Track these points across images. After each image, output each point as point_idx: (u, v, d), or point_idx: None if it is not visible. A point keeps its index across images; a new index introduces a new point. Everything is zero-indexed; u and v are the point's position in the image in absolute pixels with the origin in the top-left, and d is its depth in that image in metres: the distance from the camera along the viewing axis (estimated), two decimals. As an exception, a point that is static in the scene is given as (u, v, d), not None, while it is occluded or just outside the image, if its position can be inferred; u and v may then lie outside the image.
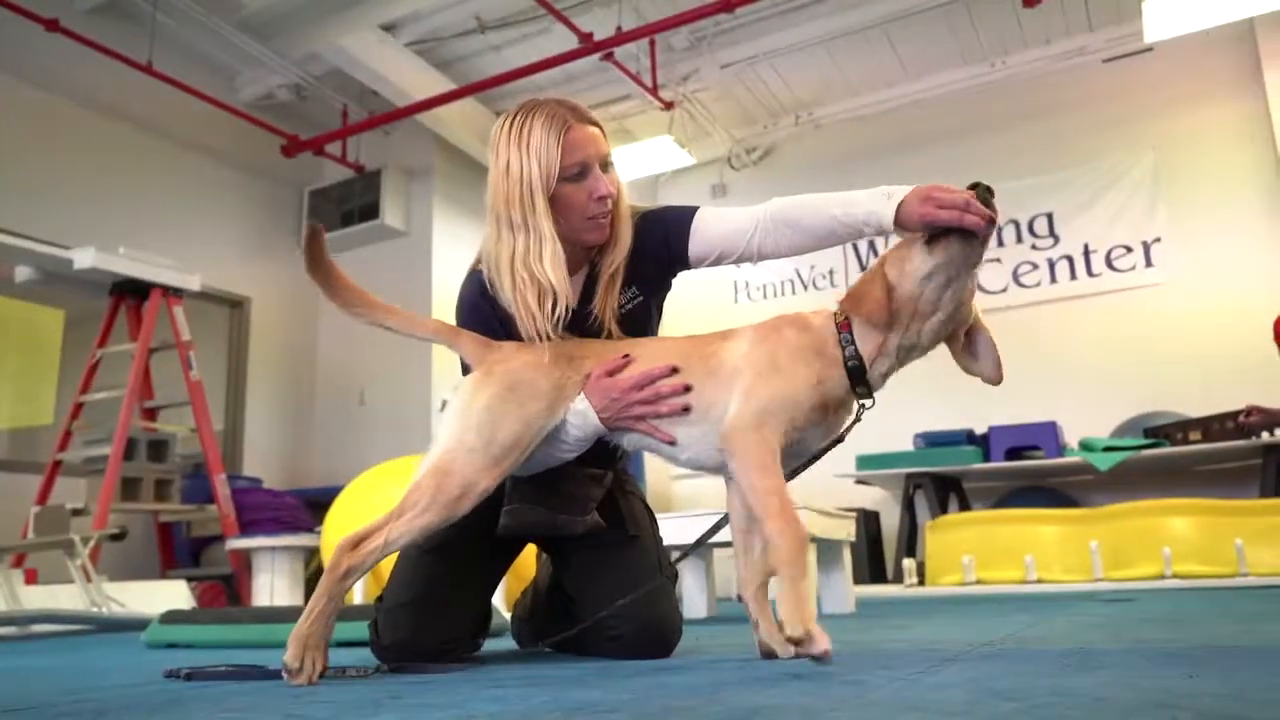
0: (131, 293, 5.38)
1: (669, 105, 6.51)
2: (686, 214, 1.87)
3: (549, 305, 1.71)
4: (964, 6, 6.05)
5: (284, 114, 6.72)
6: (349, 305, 1.73)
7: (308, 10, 5.77)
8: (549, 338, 1.73)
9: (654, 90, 6.24)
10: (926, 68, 6.69)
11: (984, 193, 1.54)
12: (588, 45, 5.71)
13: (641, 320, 1.91)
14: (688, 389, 1.69)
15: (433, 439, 1.67)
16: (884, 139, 6.99)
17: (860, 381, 1.63)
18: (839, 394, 1.63)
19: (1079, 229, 6.57)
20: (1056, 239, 6.66)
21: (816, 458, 1.73)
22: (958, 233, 1.54)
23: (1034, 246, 6.70)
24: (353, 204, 6.78)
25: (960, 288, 1.60)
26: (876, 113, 6.96)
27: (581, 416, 1.69)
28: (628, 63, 6.06)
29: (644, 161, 6.73)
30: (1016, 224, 6.77)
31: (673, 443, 1.70)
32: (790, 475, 1.70)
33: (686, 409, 1.68)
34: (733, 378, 1.64)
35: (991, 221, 1.54)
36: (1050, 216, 6.67)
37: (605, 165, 1.79)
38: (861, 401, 1.67)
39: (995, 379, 1.68)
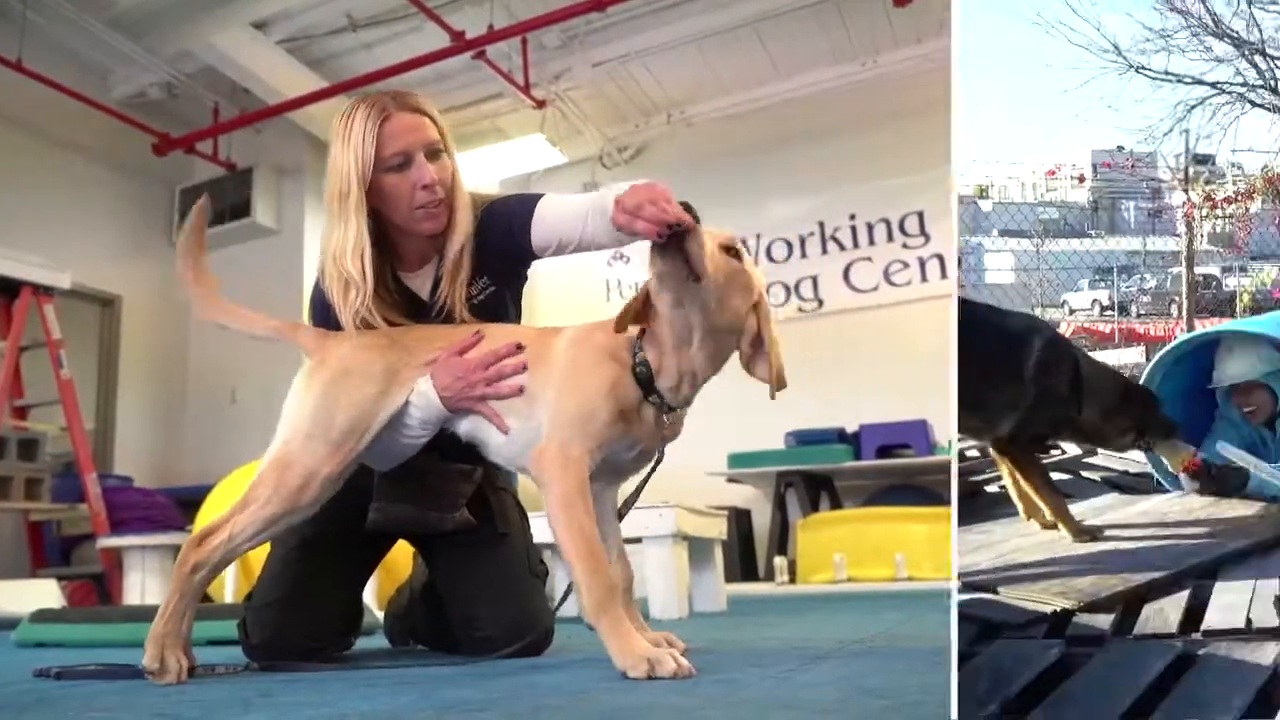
0: (1, 291, 5.34)
1: (541, 104, 6.50)
2: (530, 203, 1.84)
3: (351, 295, 1.72)
4: (835, 6, 6.05)
5: (156, 112, 6.68)
6: (200, 296, 1.77)
7: (179, 8, 5.74)
8: (357, 328, 1.73)
9: (526, 89, 6.23)
10: (797, 66, 6.68)
11: (680, 204, 1.46)
12: (459, 44, 5.70)
13: (494, 311, 1.89)
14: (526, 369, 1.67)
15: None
16: (755, 137, 6.97)
17: (651, 390, 1.58)
18: (632, 401, 1.58)
19: (950, 228, 6.58)
20: (928, 238, 6.68)
21: (643, 482, 1.74)
22: (657, 245, 1.47)
23: (905, 245, 6.72)
24: (224, 202, 6.74)
25: (696, 301, 1.50)
26: (748, 111, 6.95)
27: (424, 398, 1.67)
28: (500, 61, 6.06)
29: (516, 160, 6.76)
30: (888, 223, 6.79)
31: (508, 432, 1.67)
32: (633, 500, 1.75)
33: (521, 389, 1.66)
34: (549, 376, 1.63)
35: (670, 228, 1.42)
36: (921, 215, 6.69)
37: (434, 153, 1.77)
38: (666, 415, 1.61)
39: (777, 387, 1.61)
